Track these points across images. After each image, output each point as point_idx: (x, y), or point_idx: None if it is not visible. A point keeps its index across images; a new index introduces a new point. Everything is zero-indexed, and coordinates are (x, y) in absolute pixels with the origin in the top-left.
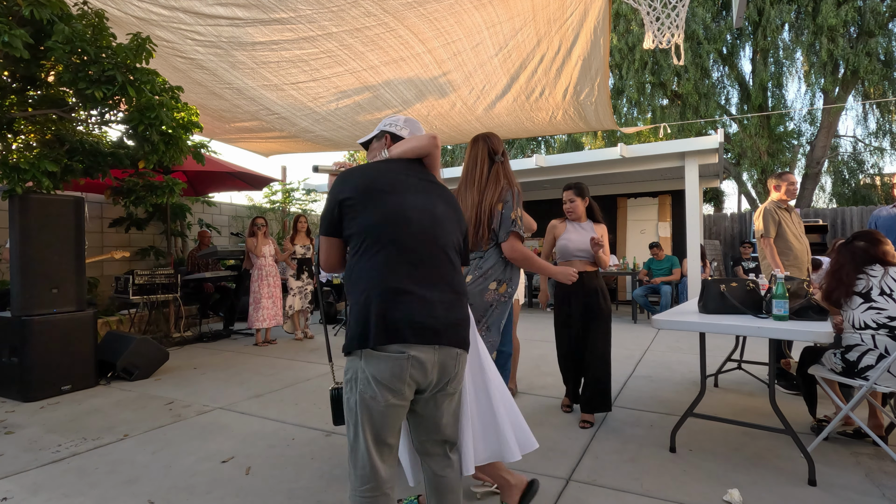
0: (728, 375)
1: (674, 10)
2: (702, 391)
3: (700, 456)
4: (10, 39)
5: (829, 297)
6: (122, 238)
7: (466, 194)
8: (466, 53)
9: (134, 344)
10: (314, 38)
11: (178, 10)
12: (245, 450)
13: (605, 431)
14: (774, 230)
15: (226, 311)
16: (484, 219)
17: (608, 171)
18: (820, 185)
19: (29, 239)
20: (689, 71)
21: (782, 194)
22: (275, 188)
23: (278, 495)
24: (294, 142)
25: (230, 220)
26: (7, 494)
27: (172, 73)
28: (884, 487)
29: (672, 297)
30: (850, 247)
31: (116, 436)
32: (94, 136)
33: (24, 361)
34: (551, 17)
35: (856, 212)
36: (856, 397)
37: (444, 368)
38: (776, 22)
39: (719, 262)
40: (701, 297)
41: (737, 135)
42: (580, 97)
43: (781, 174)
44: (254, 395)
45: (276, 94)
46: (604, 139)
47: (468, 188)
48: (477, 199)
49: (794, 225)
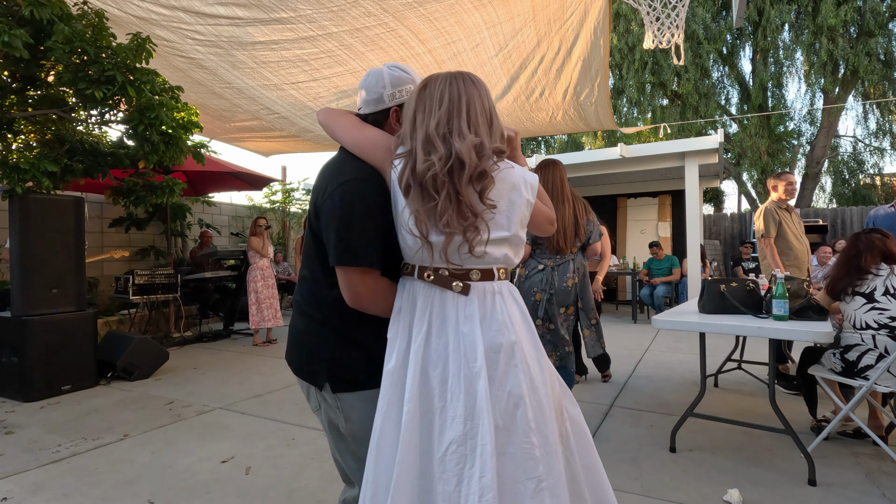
0: (728, 375)
1: (674, 10)
2: (702, 391)
3: (700, 456)
4: (10, 39)
5: (836, 286)
6: (122, 238)
7: (561, 207)
8: (466, 54)
9: (134, 344)
10: (314, 37)
11: (179, 9)
12: (245, 450)
13: (606, 431)
14: (775, 230)
15: (226, 311)
16: (582, 227)
17: (608, 171)
18: (820, 185)
19: (29, 239)
20: (689, 71)
21: (781, 194)
22: (275, 188)
23: (278, 495)
24: (294, 142)
25: (230, 220)
26: (7, 494)
27: (172, 73)
28: (884, 487)
29: (672, 298)
30: (868, 237)
31: (116, 436)
32: (94, 136)
33: (24, 361)
34: (551, 18)
35: (856, 212)
36: (856, 397)
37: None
38: (776, 22)
39: (719, 262)
40: (701, 297)
41: (737, 135)
42: (580, 97)
43: (780, 174)
44: (254, 395)
45: (277, 94)
46: (604, 139)
47: (562, 203)
48: (572, 211)
49: (795, 225)
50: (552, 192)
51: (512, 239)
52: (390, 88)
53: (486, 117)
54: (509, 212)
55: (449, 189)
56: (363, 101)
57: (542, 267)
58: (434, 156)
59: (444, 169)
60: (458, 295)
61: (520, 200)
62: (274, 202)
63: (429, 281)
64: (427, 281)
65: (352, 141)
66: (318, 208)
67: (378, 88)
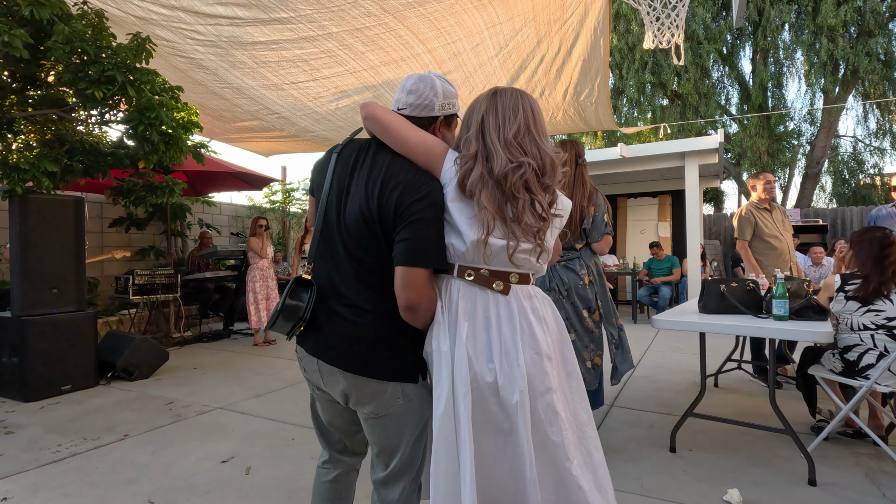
0: (728, 375)
1: (674, 10)
2: (702, 391)
3: (700, 456)
4: (10, 39)
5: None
6: (122, 238)
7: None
8: (467, 54)
9: (134, 344)
10: (314, 37)
11: (179, 9)
12: (245, 450)
13: (605, 431)
14: (750, 233)
15: (226, 311)
16: (576, 217)
17: (608, 171)
18: (820, 185)
19: (29, 239)
20: (689, 71)
21: (761, 193)
22: (275, 188)
23: (278, 495)
24: (294, 142)
25: (230, 220)
26: (7, 494)
27: (172, 73)
28: (884, 487)
29: (672, 298)
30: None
31: (116, 436)
32: (94, 136)
33: (24, 361)
34: (551, 18)
35: (856, 212)
36: (856, 396)
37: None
38: (776, 22)
39: (719, 262)
40: (701, 297)
41: (737, 135)
42: (580, 97)
43: (757, 174)
44: (254, 395)
45: (276, 94)
46: (604, 139)
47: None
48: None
49: (774, 224)
50: None
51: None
52: (442, 99)
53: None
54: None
55: (526, 191)
56: (410, 104)
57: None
58: (524, 158)
59: (532, 172)
60: (498, 294)
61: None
62: (274, 202)
63: (469, 280)
64: (467, 280)
65: (416, 140)
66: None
67: (430, 96)
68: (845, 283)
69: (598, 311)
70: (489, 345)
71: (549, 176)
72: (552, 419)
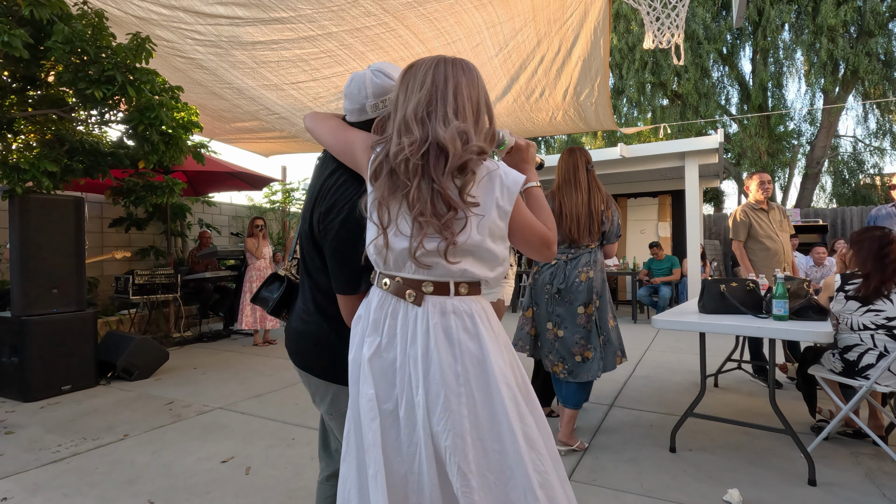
0: (728, 375)
1: (674, 10)
2: (702, 391)
3: (700, 456)
4: (10, 39)
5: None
6: (122, 238)
7: (574, 194)
8: (466, 54)
9: (134, 344)
10: (314, 37)
11: (179, 9)
12: (245, 450)
13: (605, 431)
14: (744, 234)
15: (226, 311)
16: (596, 218)
17: (608, 171)
18: (820, 185)
19: (29, 239)
20: (689, 71)
21: (756, 194)
22: (275, 188)
23: (278, 495)
24: (294, 142)
25: (230, 220)
26: (7, 494)
27: (172, 73)
28: (884, 487)
29: (672, 298)
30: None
31: (116, 436)
32: (94, 136)
33: (24, 361)
34: (551, 18)
35: (856, 212)
36: (856, 397)
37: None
38: (776, 22)
39: (719, 262)
40: (701, 297)
41: (737, 135)
42: (580, 98)
43: (752, 174)
44: (254, 395)
45: (276, 94)
46: (604, 139)
47: (575, 189)
48: (586, 199)
49: (770, 224)
50: (564, 178)
51: (475, 250)
52: (373, 98)
53: (474, 107)
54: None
55: (422, 176)
56: (347, 110)
57: (553, 262)
58: (407, 139)
59: (417, 153)
60: (410, 306)
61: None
62: (274, 202)
63: (385, 289)
64: (384, 289)
65: (336, 145)
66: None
67: (360, 98)
68: (845, 282)
69: (592, 304)
70: (393, 367)
71: (455, 156)
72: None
